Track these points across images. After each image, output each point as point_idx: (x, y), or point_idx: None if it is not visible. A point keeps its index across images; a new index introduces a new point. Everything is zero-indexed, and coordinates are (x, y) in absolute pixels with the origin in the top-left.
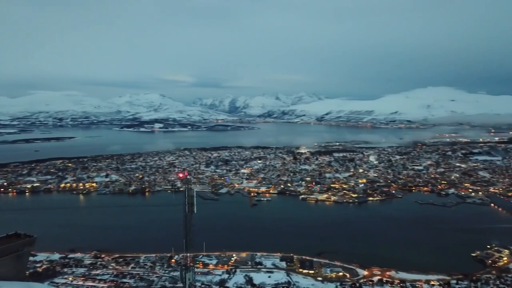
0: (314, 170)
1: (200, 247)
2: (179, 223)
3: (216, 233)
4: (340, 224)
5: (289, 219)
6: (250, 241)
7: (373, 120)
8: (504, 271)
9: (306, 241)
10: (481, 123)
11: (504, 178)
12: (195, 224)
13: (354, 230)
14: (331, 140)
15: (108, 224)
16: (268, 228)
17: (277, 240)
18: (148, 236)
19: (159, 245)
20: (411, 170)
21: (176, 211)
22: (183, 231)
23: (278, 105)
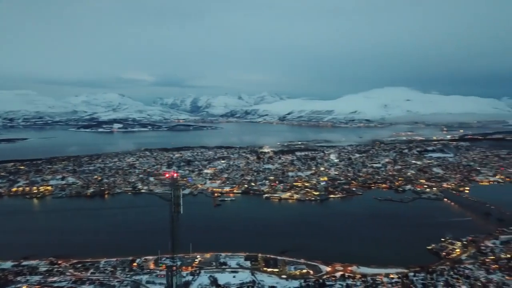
0: (277, 169)
1: (164, 248)
2: (142, 225)
3: (179, 235)
4: (303, 221)
5: (253, 218)
6: (214, 242)
7: (333, 119)
8: (457, 262)
9: (270, 239)
10: (435, 122)
11: (456, 174)
12: (158, 226)
13: (317, 227)
14: (293, 139)
15: (65, 228)
16: (232, 228)
17: (241, 239)
18: (108, 240)
19: (120, 248)
20: (370, 168)
21: (137, 213)
22: (170, 232)
23: (241, 105)
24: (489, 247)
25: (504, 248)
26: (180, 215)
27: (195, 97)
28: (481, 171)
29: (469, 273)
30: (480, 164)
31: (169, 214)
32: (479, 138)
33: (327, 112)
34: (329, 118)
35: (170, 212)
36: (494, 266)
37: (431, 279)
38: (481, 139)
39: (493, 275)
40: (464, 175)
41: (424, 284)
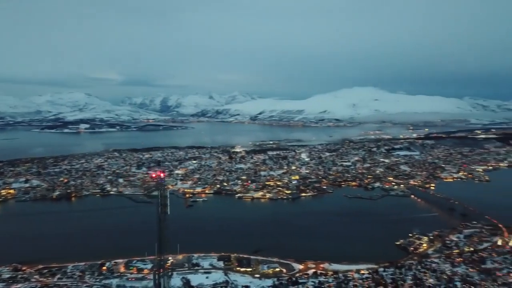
0: (250, 168)
1: (135, 251)
2: (111, 227)
3: (150, 237)
4: (276, 220)
5: (226, 218)
6: (186, 243)
7: (304, 119)
8: (424, 257)
9: (244, 239)
10: (402, 121)
11: (422, 171)
12: (128, 228)
13: (289, 226)
14: (265, 139)
15: (29, 233)
16: (205, 228)
17: (214, 240)
18: (76, 244)
19: (88, 252)
20: (340, 166)
21: (106, 215)
22: (157, 234)
23: (212, 104)
24: (453, 241)
25: (468, 241)
26: (150, 217)
27: (165, 97)
28: (446, 168)
29: (435, 267)
30: (444, 161)
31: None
32: (443, 137)
33: (297, 111)
34: (300, 117)
35: (156, 213)
36: (458, 259)
37: (400, 273)
38: (445, 138)
39: (458, 268)
40: (430, 172)
41: (394, 279)
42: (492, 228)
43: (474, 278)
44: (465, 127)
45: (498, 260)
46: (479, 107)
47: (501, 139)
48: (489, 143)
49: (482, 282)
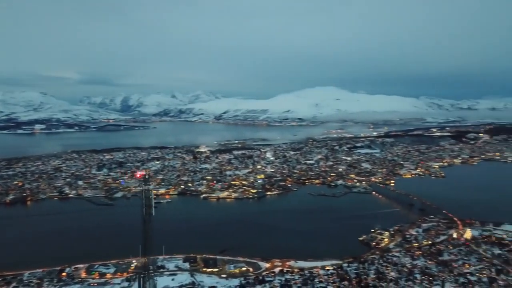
0: (215, 168)
1: (97, 255)
2: (71, 232)
3: (113, 240)
4: (242, 220)
5: (191, 219)
6: (151, 245)
7: (268, 118)
8: (386, 251)
9: (209, 239)
10: (362, 120)
11: (382, 168)
12: (89, 232)
13: (255, 224)
14: (230, 138)
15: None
16: (169, 230)
17: (179, 241)
18: (32, 250)
19: (46, 258)
20: (304, 165)
21: (65, 219)
22: (141, 235)
23: (175, 104)
24: (413, 235)
25: (426, 235)
26: (113, 219)
27: (126, 96)
28: (404, 165)
29: (396, 260)
30: (403, 158)
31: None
32: (402, 135)
33: (262, 111)
34: (264, 117)
35: (141, 214)
36: (418, 253)
37: (363, 268)
38: (404, 136)
39: (417, 260)
40: (390, 169)
41: (357, 274)
42: (448, 222)
43: (432, 270)
44: (421, 125)
45: (454, 252)
46: (434, 106)
47: (455, 136)
48: (444, 140)
49: (440, 273)
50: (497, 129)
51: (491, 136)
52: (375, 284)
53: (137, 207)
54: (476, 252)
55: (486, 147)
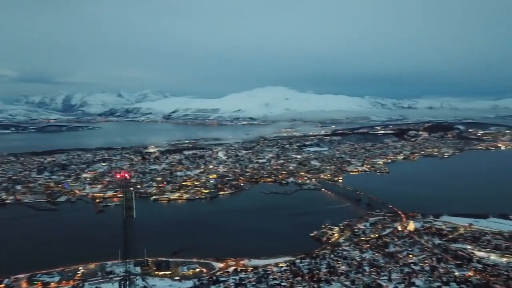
0: (165, 169)
1: (39, 264)
2: (9, 240)
3: (57, 247)
4: (194, 220)
5: (141, 221)
6: (99, 250)
7: (219, 118)
8: (336, 246)
9: (161, 242)
10: (311, 119)
11: (330, 165)
12: (30, 239)
13: (208, 225)
14: (180, 138)
15: None
16: (118, 234)
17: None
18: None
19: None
20: (256, 163)
21: (2, 227)
22: (123, 238)
23: (121, 103)
24: (361, 229)
25: (373, 229)
26: (56, 225)
27: (68, 95)
28: (351, 162)
29: (346, 254)
30: (350, 156)
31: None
32: (348, 133)
33: (212, 110)
34: (215, 116)
35: (122, 217)
36: (366, 246)
37: (315, 263)
38: (350, 134)
39: (366, 253)
40: (338, 166)
41: (310, 269)
42: (393, 215)
43: (379, 261)
44: (366, 123)
45: (399, 243)
46: (378, 105)
47: (397, 134)
48: (387, 138)
49: (387, 265)
50: (435, 127)
51: (430, 134)
52: (327, 278)
53: (83, 211)
54: (419, 243)
55: (425, 144)
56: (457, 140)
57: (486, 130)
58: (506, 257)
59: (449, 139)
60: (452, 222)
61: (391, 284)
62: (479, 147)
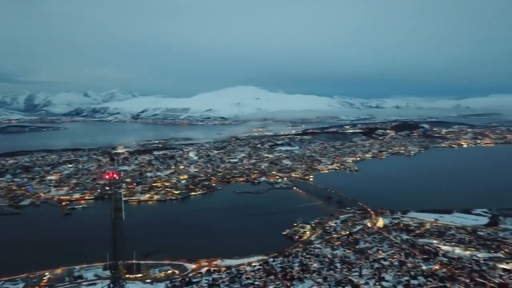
0: (134, 170)
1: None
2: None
3: (19, 252)
4: (166, 222)
5: (110, 224)
6: (66, 255)
7: (190, 117)
8: (308, 244)
9: (132, 244)
10: (282, 118)
11: (301, 164)
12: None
13: (180, 226)
14: (150, 138)
15: None
16: (86, 237)
17: (98, 248)
18: None
19: None
20: (228, 163)
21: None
22: (111, 240)
23: (88, 103)
24: (332, 227)
25: (343, 226)
26: (19, 229)
27: (31, 94)
28: (322, 161)
29: (318, 252)
30: (320, 154)
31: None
32: (318, 132)
33: (183, 110)
34: (185, 116)
35: (110, 219)
36: (337, 243)
37: (288, 261)
38: (320, 133)
39: (337, 250)
40: (308, 165)
41: (283, 267)
42: (362, 212)
43: (350, 258)
44: (336, 123)
45: (368, 240)
46: (346, 104)
47: (366, 133)
48: (356, 137)
49: (357, 261)
50: (401, 126)
51: (397, 132)
52: (300, 276)
53: (48, 215)
54: (388, 238)
55: (393, 142)
56: (422, 139)
57: (449, 128)
58: (469, 250)
59: (414, 137)
60: (418, 218)
61: (362, 280)
62: (443, 145)
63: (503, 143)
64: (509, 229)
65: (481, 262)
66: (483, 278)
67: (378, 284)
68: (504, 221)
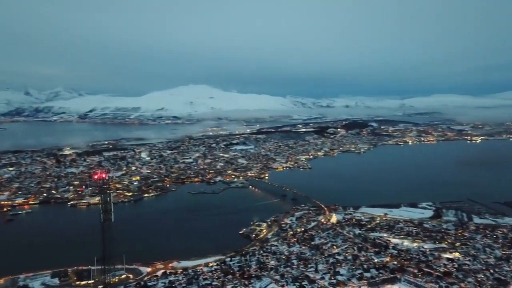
0: (83, 172)
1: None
2: None
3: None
4: (118, 225)
5: (58, 229)
6: (9, 263)
7: (141, 116)
8: (265, 242)
9: (82, 250)
10: (236, 118)
11: (257, 163)
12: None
13: (133, 228)
14: (100, 138)
15: None
16: (32, 243)
17: (45, 255)
18: None
19: None
20: (182, 163)
21: None
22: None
23: (30, 102)
24: (288, 224)
25: (299, 223)
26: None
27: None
28: (276, 159)
29: (275, 249)
30: (275, 153)
31: None
32: (273, 131)
33: (133, 109)
34: (136, 115)
35: (100, 221)
36: (293, 240)
37: (246, 260)
38: (274, 132)
39: (293, 247)
40: (264, 163)
41: (240, 266)
42: (316, 209)
43: (306, 254)
44: (289, 122)
45: (323, 236)
46: (299, 104)
47: (318, 132)
48: (308, 135)
49: (313, 257)
50: (351, 124)
51: (347, 131)
52: (257, 274)
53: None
54: (341, 234)
55: (343, 141)
56: (371, 137)
57: (395, 127)
58: (417, 242)
59: (364, 135)
60: (369, 213)
61: (318, 275)
62: (390, 143)
63: (444, 140)
64: (451, 221)
65: (427, 253)
66: (429, 267)
67: (333, 278)
68: (447, 213)
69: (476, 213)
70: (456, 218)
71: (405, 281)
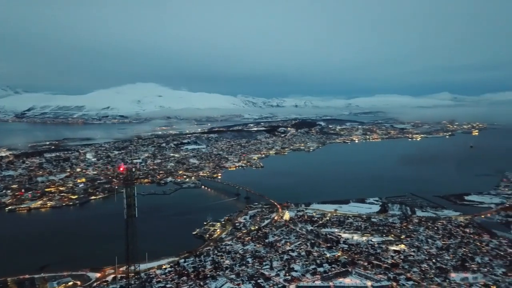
0: (22, 175)
1: None
2: None
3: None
4: (61, 230)
5: None
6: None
7: (85, 115)
8: (219, 241)
9: (23, 258)
10: (186, 117)
11: (209, 162)
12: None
13: (80, 233)
14: (40, 139)
15: None
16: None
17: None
18: None
19: None
20: (131, 164)
21: None
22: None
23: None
24: (242, 223)
25: (252, 221)
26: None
27: None
28: (229, 159)
29: (229, 249)
30: (227, 152)
31: None
32: (224, 130)
33: (76, 108)
34: (80, 114)
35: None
36: (247, 238)
37: (200, 261)
38: (226, 131)
39: (248, 246)
40: (216, 163)
41: (195, 267)
42: (269, 207)
43: (261, 252)
44: (240, 121)
45: (277, 233)
46: (249, 103)
47: (269, 131)
48: (260, 134)
49: (268, 254)
50: (300, 124)
51: (297, 130)
52: (213, 274)
53: None
54: (294, 230)
55: (293, 139)
56: (319, 135)
57: (343, 125)
58: (366, 236)
59: (313, 134)
60: (320, 209)
61: (273, 272)
62: (338, 141)
63: (388, 138)
64: (396, 215)
65: (376, 246)
66: (378, 260)
67: (288, 274)
68: (392, 207)
69: (418, 207)
70: (401, 212)
71: (356, 274)
